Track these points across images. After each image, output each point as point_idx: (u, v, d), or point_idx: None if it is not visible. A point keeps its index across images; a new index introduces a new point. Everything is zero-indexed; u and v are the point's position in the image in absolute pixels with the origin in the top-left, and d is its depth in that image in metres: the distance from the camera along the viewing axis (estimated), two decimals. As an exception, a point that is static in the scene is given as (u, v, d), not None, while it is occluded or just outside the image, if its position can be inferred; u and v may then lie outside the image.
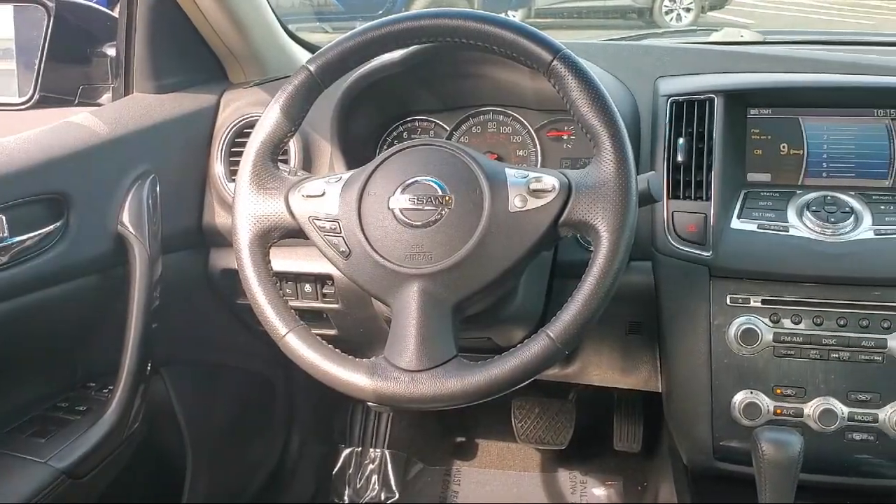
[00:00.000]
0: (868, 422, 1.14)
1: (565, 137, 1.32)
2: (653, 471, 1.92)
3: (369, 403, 1.00)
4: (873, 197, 1.17)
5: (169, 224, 1.33)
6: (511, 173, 0.99)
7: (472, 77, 1.29)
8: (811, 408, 1.15)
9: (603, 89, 0.96)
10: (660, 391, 1.37)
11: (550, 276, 1.24)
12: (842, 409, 1.14)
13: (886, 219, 1.14)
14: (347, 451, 2.16)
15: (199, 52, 1.49)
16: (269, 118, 1.04)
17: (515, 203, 0.96)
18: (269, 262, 1.04)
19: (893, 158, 1.20)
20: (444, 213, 0.97)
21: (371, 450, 2.16)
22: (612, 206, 0.93)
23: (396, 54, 1.18)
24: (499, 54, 0.99)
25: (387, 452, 2.14)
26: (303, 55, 1.61)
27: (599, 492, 2.03)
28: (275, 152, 1.05)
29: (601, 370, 1.47)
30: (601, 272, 0.93)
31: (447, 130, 1.36)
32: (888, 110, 1.21)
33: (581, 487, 2.04)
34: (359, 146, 1.32)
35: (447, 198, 0.97)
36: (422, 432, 2.20)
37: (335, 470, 2.13)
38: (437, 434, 2.21)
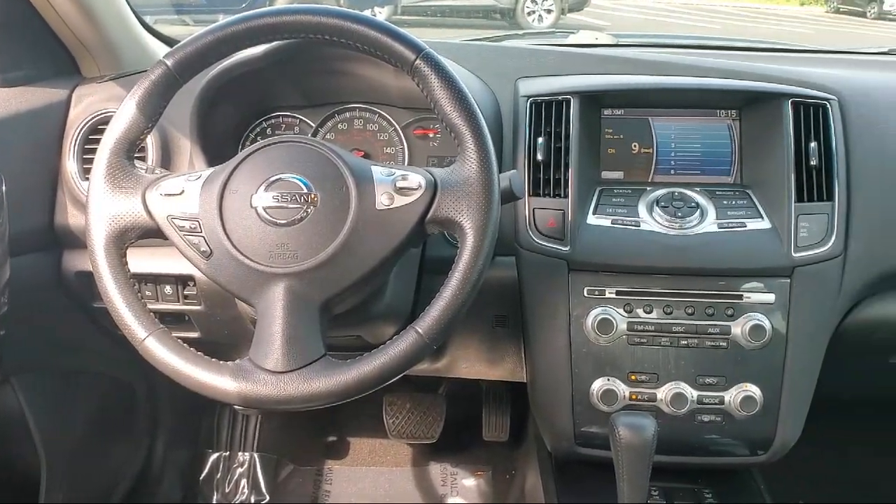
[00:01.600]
0: (715, 404, 1.22)
1: (432, 135, 1.34)
2: (520, 459, 1.98)
3: (236, 407, 0.98)
4: (717, 192, 1.25)
5: (17, 225, 1.25)
6: (377, 171, 0.99)
7: (337, 74, 1.28)
8: (664, 392, 1.22)
9: (465, 89, 0.97)
10: (525, 381, 1.41)
11: (419, 273, 1.26)
12: (691, 393, 1.21)
13: (729, 213, 1.22)
14: (215, 455, 2.10)
15: (48, 44, 1.41)
16: (124, 114, 1.00)
17: (382, 201, 0.97)
18: (126, 263, 1.00)
19: (735, 156, 1.29)
20: (309, 211, 0.96)
21: (239, 453, 2.11)
22: (476, 203, 0.95)
23: (259, 49, 1.16)
24: (362, 52, 0.99)
25: (256, 455, 2.10)
26: (160, 49, 1.55)
27: (469, 482, 2.07)
28: (130, 149, 1.01)
29: (469, 363, 1.50)
30: (467, 268, 0.95)
31: (312, 127, 1.35)
32: (729, 111, 1.30)
33: (452, 479, 2.08)
34: (220, 143, 1.29)
35: (313, 196, 0.96)
36: (292, 433, 2.17)
37: (202, 475, 2.08)
38: (308, 434, 2.19)
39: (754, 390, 1.20)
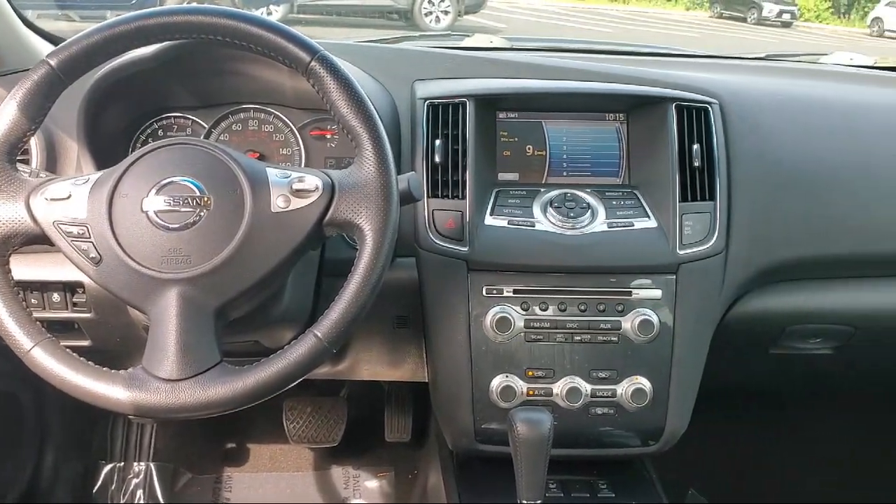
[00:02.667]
0: (608, 397, 1.26)
1: (329, 137, 1.33)
2: (422, 458, 1.99)
3: (130, 416, 0.95)
4: (606, 193, 1.29)
5: None
6: (273, 173, 0.98)
7: (231, 74, 1.26)
8: (559, 387, 1.25)
9: (361, 91, 0.98)
10: (427, 381, 1.42)
11: (318, 276, 1.25)
12: (586, 387, 1.25)
13: (618, 213, 1.27)
14: (109, 466, 2.03)
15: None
16: (5, 116, 0.95)
17: (278, 203, 0.96)
18: (10, 270, 0.96)
19: (623, 158, 1.33)
20: (202, 214, 0.94)
21: (135, 463, 2.05)
22: (374, 205, 0.96)
23: (150, 49, 1.13)
24: (256, 53, 0.98)
25: (152, 465, 2.04)
26: (44, 47, 1.48)
27: (372, 484, 2.07)
28: (12, 153, 0.97)
29: (371, 365, 1.50)
30: (366, 270, 0.95)
31: (205, 128, 1.32)
32: (617, 114, 1.35)
33: (354, 481, 2.07)
34: (109, 145, 1.24)
35: (206, 199, 0.95)
36: (189, 441, 2.12)
37: (95, 488, 2.00)
38: (206, 441, 2.14)
39: (644, 383, 1.25)
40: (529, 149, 1.33)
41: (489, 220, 1.25)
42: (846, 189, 1.36)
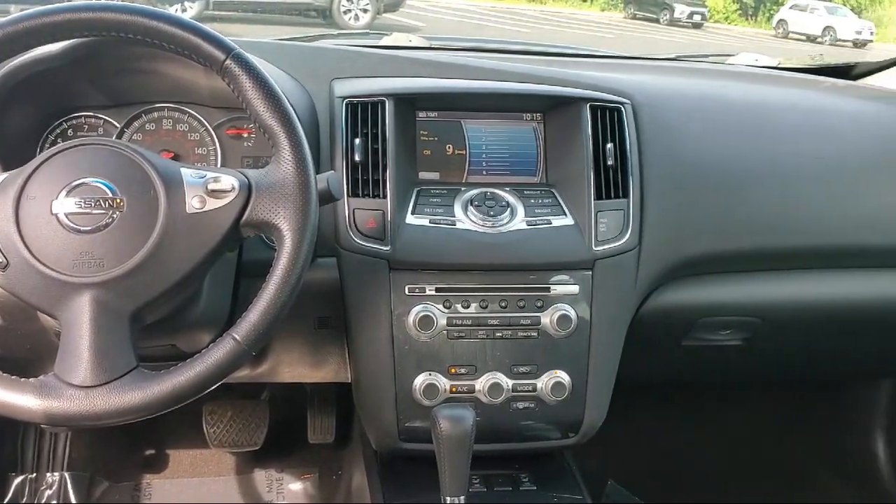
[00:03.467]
0: (528, 391, 1.28)
1: (245, 136, 1.32)
2: (346, 459, 1.98)
3: (42, 425, 0.92)
4: (525, 192, 1.31)
5: None
6: (188, 173, 0.97)
7: (143, 73, 1.23)
8: (482, 383, 1.26)
9: (277, 89, 0.97)
10: (350, 381, 1.42)
11: (236, 277, 1.23)
12: (507, 382, 1.27)
13: (536, 211, 1.29)
14: (19, 479, 1.95)
15: None
16: None
17: (193, 204, 0.94)
18: None
19: (540, 157, 1.36)
20: (115, 216, 0.92)
21: (48, 474, 1.97)
22: (293, 205, 0.95)
23: (57, 46, 1.09)
24: (169, 51, 0.97)
25: (66, 475, 1.97)
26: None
27: (296, 486, 2.05)
28: None
29: (292, 367, 1.49)
30: (285, 271, 0.94)
31: (117, 128, 1.28)
32: (534, 114, 1.37)
33: (277, 484, 2.05)
34: (16, 145, 1.20)
35: (118, 200, 0.92)
36: (105, 449, 2.06)
37: (6, 501, 1.92)
38: (123, 448, 2.08)
39: (563, 376, 1.27)
40: (449, 148, 1.34)
41: (410, 219, 1.26)
42: (752, 187, 1.42)
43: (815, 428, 2.22)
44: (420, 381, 1.26)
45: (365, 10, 9.04)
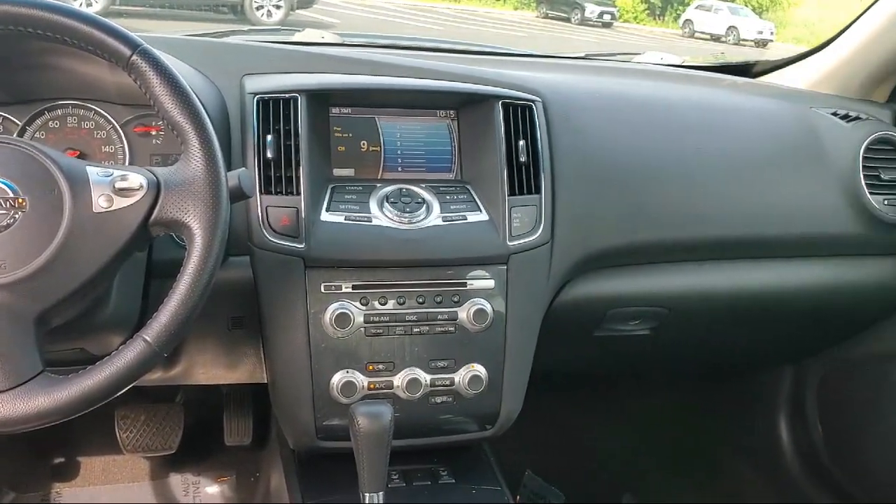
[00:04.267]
0: (446, 385, 1.29)
1: (154, 133, 1.28)
2: (264, 460, 1.96)
3: (-59, 435, 0.89)
4: (440, 188, 1.32)
5: None
6: (94, 171, 0.94)
7: (46, 68, 1.18)
8: (400, 379, 1.27)
9: (186, 85, 0.95)
10: (266, 382, 1.40)
11: (147, 277, 1.20)
12: (425, 377, 1.28)
13: (451, 207, 1.30)
14: None
15: None
16: None
17: (100, 203, 0.92)
18: None
19: (455, 154, 1.37)
20: (17, 216, 0.89)
21: (-51, 487, 1.89)
22: (203, 203, 0.94)
23: None
24: (72, 47, 0.94)
25: (-32, 488, 1.89)
26: None
27: (213, 489, 2.02)
28: None
29: (206, 368, 1.47)
30: (196, 271, 0.93)
31: (19, 125, 1.24)
32: (448, 111, 1.38)
33: (194, 488, 2.01)
34: None
35: (20, 200, 0.89)
36: (11, 458, 1.98)
37: None
38: (31, 457, 2.00)
39: (480, 370, 1.29)
40: (364, 144, 1.34)
41: (325, 216, 1.25)
42: (658, 181, 1.46)
43: (723, 414, 2.31)
44: (337, 379, 1.25)
45: (278, 7, 8.91)
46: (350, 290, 1.25)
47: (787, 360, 2.06)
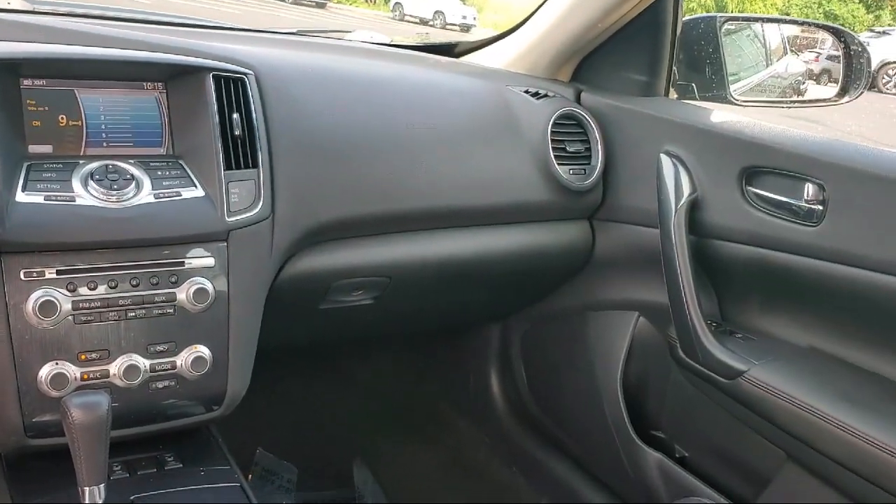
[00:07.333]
0: (168, 369, 1.25)
1: None
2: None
3: None
4: (151, 164, 1.27)
5: None
6: None
7: None
8: (116, 367, 1.21)
9: None
10: None
11: None
12: (144, 363, 1.23)
13: (164, 183, 1.25)
14: None
15: None
16: None
17: None
18: None
19: (165, 128, 1.32)
20: None
21: None
22: None
23: None
24: None
25: None
26: None
27: None
28: None
29: None
30: None
31: None
32: (156, 83, 1.32)
33: None
34: None
35: None
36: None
37: None
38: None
39: (203, 350, 1.27)
40: (63, 119, 1.25)
41: (21, 196, 1.15)
42: (372, 155, 1.52)
43: (442, 372, 2.46)
44: (46, 371, 1.17)
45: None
46: (54, 275, 1.17)
47: (495, 318, 2.24)
